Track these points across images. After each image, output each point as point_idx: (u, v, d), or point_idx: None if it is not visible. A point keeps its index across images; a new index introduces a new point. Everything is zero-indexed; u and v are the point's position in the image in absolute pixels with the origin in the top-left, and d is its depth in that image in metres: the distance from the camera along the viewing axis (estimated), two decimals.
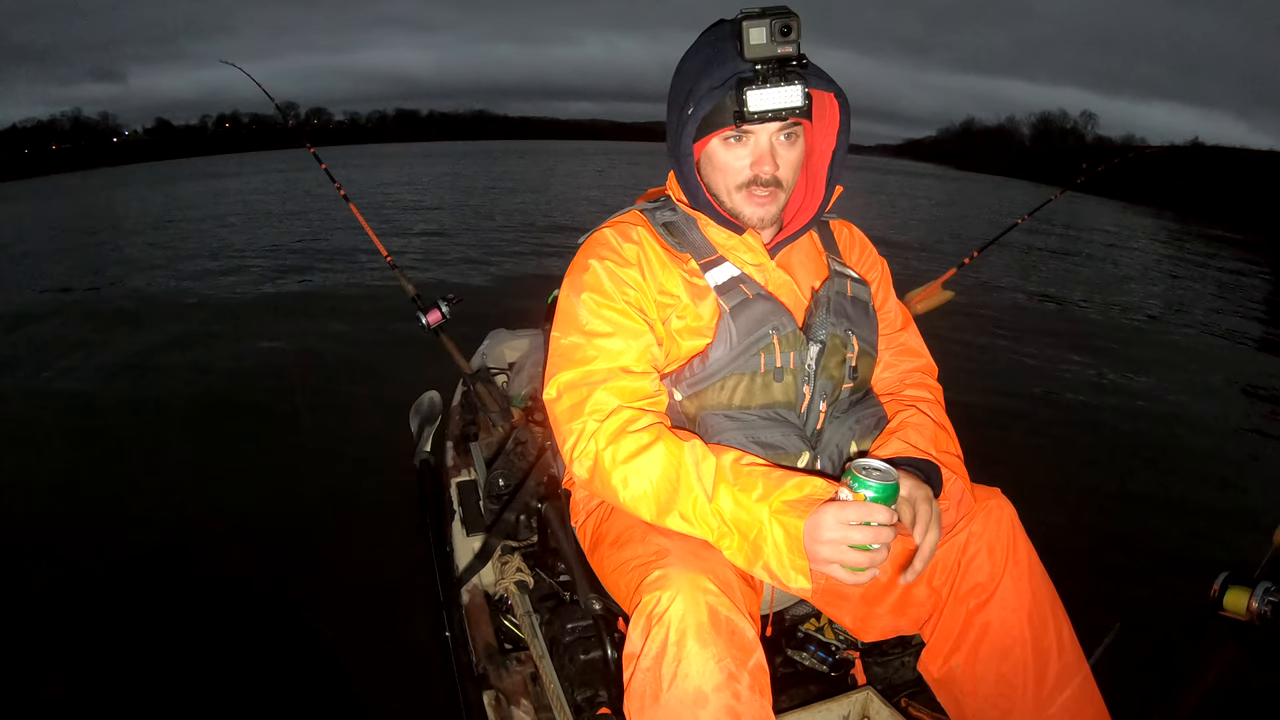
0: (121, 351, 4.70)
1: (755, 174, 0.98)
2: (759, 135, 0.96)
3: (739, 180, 0.99)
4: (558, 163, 31.17)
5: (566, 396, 0.97)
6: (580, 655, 1.15)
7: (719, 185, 1.01)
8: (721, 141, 0.98)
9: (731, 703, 0.81)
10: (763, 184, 0.98)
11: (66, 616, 2.03)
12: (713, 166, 1.00)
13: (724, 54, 0.93)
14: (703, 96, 0.93)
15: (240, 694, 1.75)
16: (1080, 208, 4.23)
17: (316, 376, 4.03)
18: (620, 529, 1.01)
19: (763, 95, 0.90)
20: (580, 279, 1.02)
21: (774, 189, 0.99)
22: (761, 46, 0.89)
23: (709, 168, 1.01)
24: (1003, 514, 1.02)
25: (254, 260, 7.97)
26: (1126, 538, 2.56)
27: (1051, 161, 42.02)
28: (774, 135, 0.96)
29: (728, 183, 1.00)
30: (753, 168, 0.98)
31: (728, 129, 0.96)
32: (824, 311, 1.02)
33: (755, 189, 0.99)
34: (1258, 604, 1.00)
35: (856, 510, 0.80)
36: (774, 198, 1.00)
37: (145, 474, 2.90)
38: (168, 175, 27.84)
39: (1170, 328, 6.28)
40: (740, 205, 1.00)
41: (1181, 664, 1.10)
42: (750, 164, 0.98)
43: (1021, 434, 3.45)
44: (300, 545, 2.33)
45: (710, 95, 0.93)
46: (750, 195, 0.99)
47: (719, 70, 0.93)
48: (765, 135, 0.96)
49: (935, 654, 1.04)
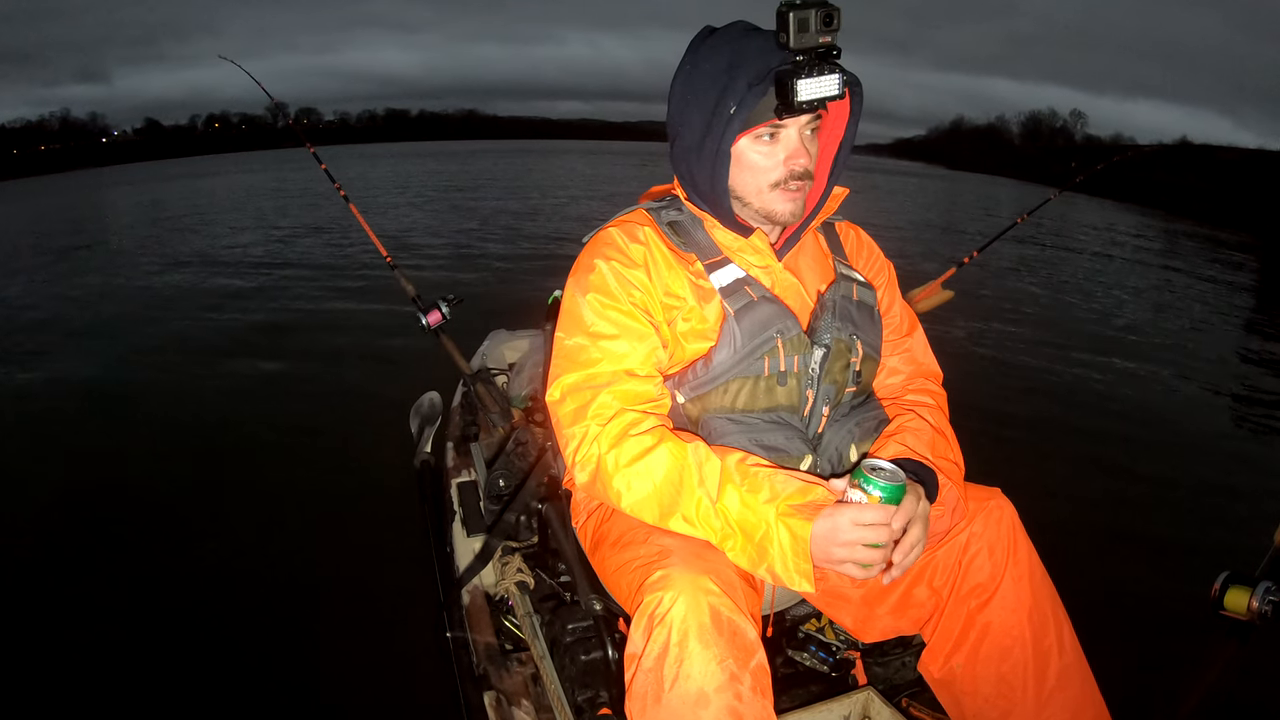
0: (121, 350, 4.71)
1: (790, 169, 0.97)
2: (790, 130, 0.96)
3: (773, 178, 0.98)
4: (554, 162, 31.13)
5: (570, 399, 0.96)
6: (581, 656, 1.15)
7: (747, 187, 0.99)
8: (753, 140, 0.96)
9: (733, 703, 0.81)
10: (796, 178, 0.97)
11: (66, 616, 2.03)
12: (741, 168, 0.98)
13: (750, 51, 0.92)
14: (745, 95, 0.91)
15: (241, 695, 1.75)
16: (1069, 207, 4.20)
17: (316, 376, 4.04)
18: (621, 529, 1.01)
19: (810, 85, 0.88)
20: (586, 279, 1.01)
21: (804, 182, 0.98)
22: (807, 35, 0.88)
23: (735, 170, 0.99)
24: (1003, 514, 1.02)
25: (253, 260, 7.97)
26: (1126, 537, 2.57)
27: (1042, 160, 42.21)
28: (803, 128, 0.96)
29: (759, 182, 0.98)
30: (787, 163, 0.97)
31: (762, 125, 0.94)
32: (829, 315, 1.02)
33: (789, 184, 0.98)
34: (1258, 603, 1.01)
35: (874, 513, 0.83)
36: (803, 190, 0.99)
37: (145, 474, 2.90)
38: (161, 174, 27.77)
39: (1167, 327, 6.29)
40: (773, 203, 0.99)
41: (1182, 663, 1.10)
42: (785, 159, 0.97)
43: (1020, 433, 3.45)
44: (300, 546, 2.33)
45: (753, 92, 0.91)
46: (785, 191, 0.98)
47: (753, 66, 0.91)
48: (796, 129, 0.96)
49: (936, 654, 1.04)
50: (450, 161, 30.35)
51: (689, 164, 1.00)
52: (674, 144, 1.02)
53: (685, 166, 1.02)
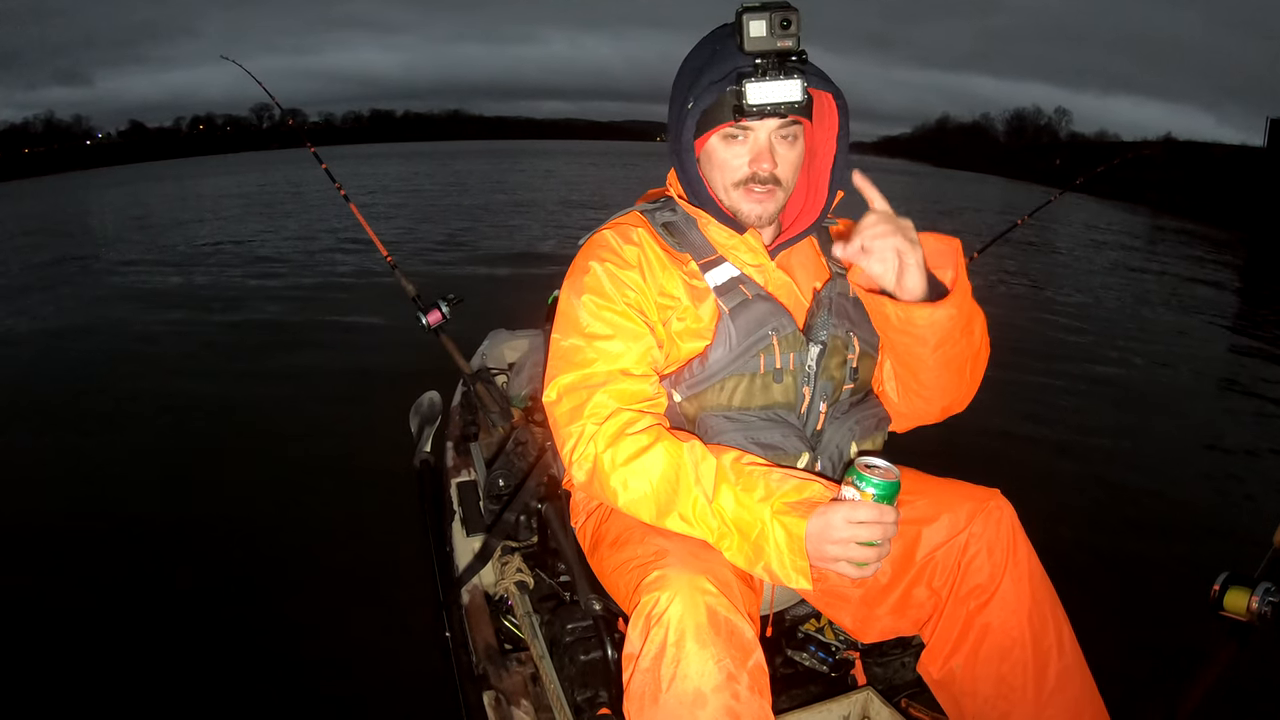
0: (120, 348, 4.71)
1: (754, 171, 0.98)
2: (758, 132, 0.96)
3: (736, 177, 0.99)
4: (541, 163, 31.13)
5: (566, 399, 0.97)
6: (580, 656, 1.15)
7: (717, 182, 1.01)
8: (721, 138, 0.98)
9: (731, 703, 0.81)
10: (760, 181, 0.98)
11: (65, 616, 2.03)
12: (711, 163, 1.01)
13: (725, 50, 0.94)
14: (703, 91, 0.94)
15: (241, 694, 1.75)
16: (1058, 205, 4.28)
17: (316, 376, 4.04)
18: (620, 530, 1.01)
19: (761, 88, 0.89)
20: (581, 281, 1.02)
21: (772, 186, 0.99)
22: (761, 40, 0.89)
23: (708, 164, 1.01)
24: (1002, 515, 1.01)
25: (253, 259, 7.98)
26: (1126, 538, 2.56)
27: (1028, 158, 42.21)
28: (773, 133, 0.97)
29: (725, 180, 1.00)
30: (751, 164, 0.98)
31: (727, 124, 0.96)
32: (825, 312, 1.02)
33: (753, 185, 0.98)
34: (1258, 604, 1.00)
35: (867, 511, 0.82)
36: (772, 195, 0.99)
37: (144, 473, 2.90)
38: (150, 175, 27.76)
39: (1165, 325, 6.28)
40: (738, 202, 1.00)
41: (1182, 664, 1.10)
42: (749, 160, 0.98)
43: (1020, 433, 3.45)
44: (300, 546, 2.33)
45: (710, 90, 0.93)
46: (748, 192, 0.99)
47: (719, 65, 0.93)
48: (764, 132, 0.96)
49: (935, 655, 1.04)
50: (442, 162, 30.43)
51: (671, 156, 1.03)
52: (668, 138, 1.04)
53: (671, 158, 1.04)
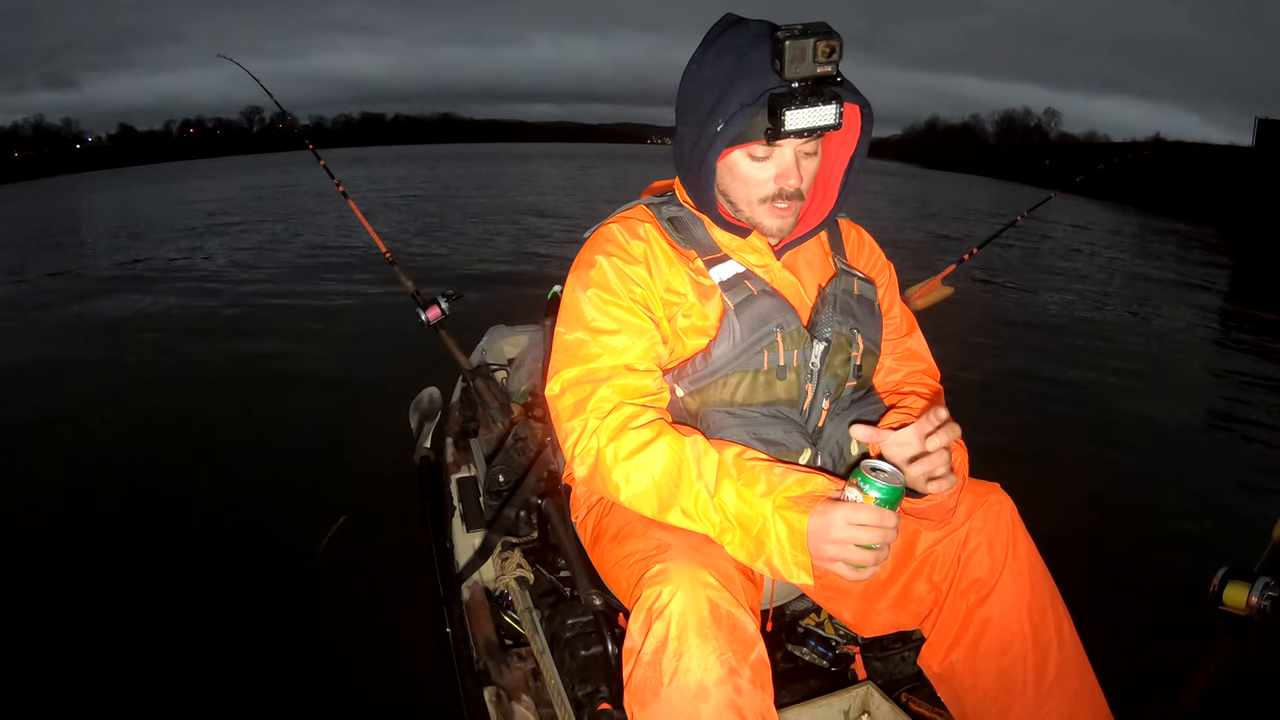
0: (119, 347, 4.70)
1: (780, 187, 0.96)
2: (785, 150, 0.95)
3: (762, 194, 0.97)
4: (534, 165, 31.10)
5: (569, 393, 0.96)
6: (581, 651, 1.15)
7: (739, 196, 0.99)
8: (746, 155, 0.96)
9: (733, 697, 0.81)
10: (786, 197, 0.97)
11: (65, 616, 2.03)
12: (733, 178, 0.98)
13: (752, 65, 0.90)
14: (735, 114, 0.90)
15: (240, 691, 1.75)
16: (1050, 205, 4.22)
17: (315, 373, 4.04)
18: (621, 524, 1.01)
19: (800, 115, 0.87)
20: (586, 274, 1.01)
21: (795, 201, 0.98)
22: (803, 66, 0.86)
23: (728, 178, 0.98)
24: (1002, 509, 1.02)
25: (250, 258, 7.97)
26: (1125, 532, 2.57)
27: (1017, 159, 42.34)
28: (799, 149, 0.95)
29: (750, 195, 0.98)
30: (778, 181, 0.96)
31: (756, 143, 0.93)
32: (830, 309, 1.01)
33: (778, 202, 0.97)
34: (1257, 599, 1.01)
35: (868, 514, 0.81)
36: (793, 209, 0.99)
37: (144, 473, 2.90)
38: (142, 178, 27.56)
39: (1163, 324, 6.28)
40: (762, 217, 0.99)
41: (1181, 658, 1.11)
42: (775, 177, 0.96)
43: (1018, 428, 3.45)
44: (300, 542, 2.32)
45: (743, 113, 0.90)
46: (773, 208, 0.98)
47: (749, 84, 0.90)
48: (791, 150, 0.95)
49: (935, 649, 1.04)
50: (435, 164, 30.33)
51: (683, 167, 1.01)
52: (675, 141, 1.02)
53: (682, 168, 1.02)
